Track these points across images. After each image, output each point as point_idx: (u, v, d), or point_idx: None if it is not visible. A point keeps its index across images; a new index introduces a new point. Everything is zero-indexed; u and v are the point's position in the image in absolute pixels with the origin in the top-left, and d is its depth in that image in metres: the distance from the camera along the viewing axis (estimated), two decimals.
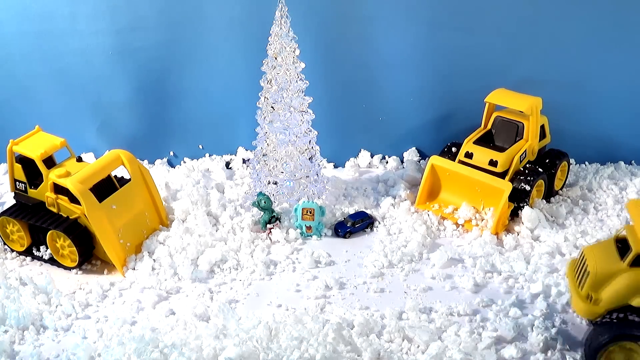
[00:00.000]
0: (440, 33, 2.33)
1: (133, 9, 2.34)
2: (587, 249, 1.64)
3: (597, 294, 1.56)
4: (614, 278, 1.54)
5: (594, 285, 1.56)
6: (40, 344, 1.70)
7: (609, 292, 1.55)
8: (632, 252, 1.54)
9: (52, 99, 2.53)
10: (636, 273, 1.53)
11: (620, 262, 1.56)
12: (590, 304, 1.57)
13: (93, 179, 1.96)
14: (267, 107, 2.14)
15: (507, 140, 2.26)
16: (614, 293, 1.54)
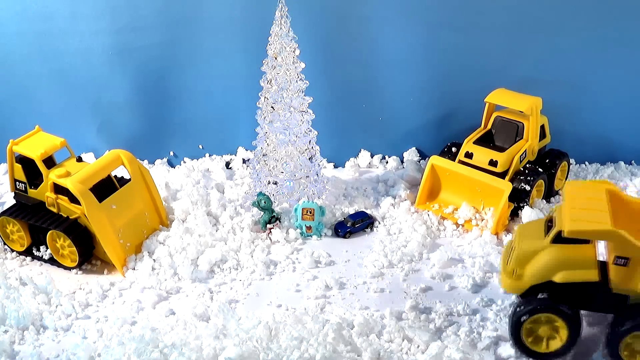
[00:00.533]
0: (440, 33, 2.33)
1: (133, 9, 2.34)
2: (519, 227, 1.70)
3: (521, 269, 1.60)
4: (537, 254, 1.58)
5: (519, 261, 1.60)
6: (40, 344, 1.70)
7: (532, 268, 1.58)
8: (554, 229, 1.57)
9: (52, 99, 2.53)
10: (557, 250, 1.56)
11: (544, 239, 1.59)
12: (514, 279, 1.61)
13: (93, 179, 1.96)
14: (267, 107, 2.14)
15: (507, 140, 2.26)
16: (536, 269, 1.58)
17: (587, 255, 1.55)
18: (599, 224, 1.49)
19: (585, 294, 1.57)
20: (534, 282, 1.59)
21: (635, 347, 1.54)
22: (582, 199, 1.58)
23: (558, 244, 1.57)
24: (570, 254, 1.55)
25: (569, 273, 1.54)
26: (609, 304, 1.58)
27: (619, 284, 1.54)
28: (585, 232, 1.50)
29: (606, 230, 1.48)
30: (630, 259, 1.50)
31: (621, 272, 1.52)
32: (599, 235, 1.51)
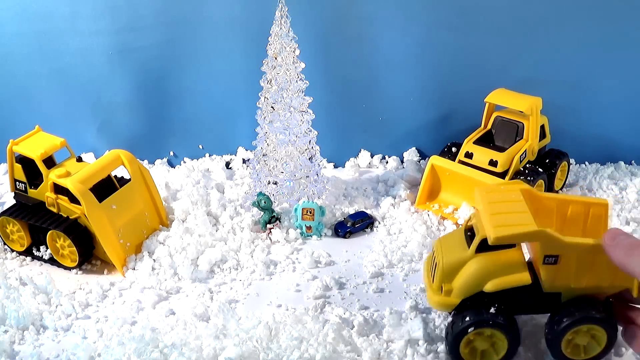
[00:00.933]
0: (440, 33, 2.33)
1: (133, 9, 2.34)
2: (436, 242, 1.64)
3: (448, 285, 1.55)
4: (463, 267, 1.53)
5: (444, 277, 1.55)
6: (40, 344, 1.70)
7: (459, 281, 1.53)
8: (476, 237, 1.52)
9: (52, 99, 2.53)
10: (483, 258, 1.51)
11: (467, 250, 1.54)
12: (443, 295, 1.56)
13: (93, 179, 1.96)
14: (267, 107, 2.14)
15: (507, 140, 2.26)
16: (464, 282, 1.52)
17: (516, 259, 1.51)
18: (524, 227, 1.44)
19: (518, 298, 1.54)
20: (464, 296, 1.53)
21: (577, 342, 1.53)
22: (500, 203, 1.53)
23: (483, 253, 1.52)
24: (498, 261, 1.50)
25: (500, 280, 1.49)
26: (544, 305, 1.56)
27: (551, 283, 1.51)
28: (512, 237, 1.44)
29: (533, 232, 1.43)
30: (559, 257, 1.47)
31: (552, 271, 1.49)
32: (527, 238, 1.46)
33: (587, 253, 1.46)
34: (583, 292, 1.53)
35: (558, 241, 1.44)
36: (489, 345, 1.55)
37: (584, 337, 1.53)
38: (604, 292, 1.54)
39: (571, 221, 1.63)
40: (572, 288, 1.52)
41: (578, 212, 1.62)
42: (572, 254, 1.47)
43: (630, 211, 2.20)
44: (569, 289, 1.53)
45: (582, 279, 1.51)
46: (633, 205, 2.23)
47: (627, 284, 1.50)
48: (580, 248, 1.45)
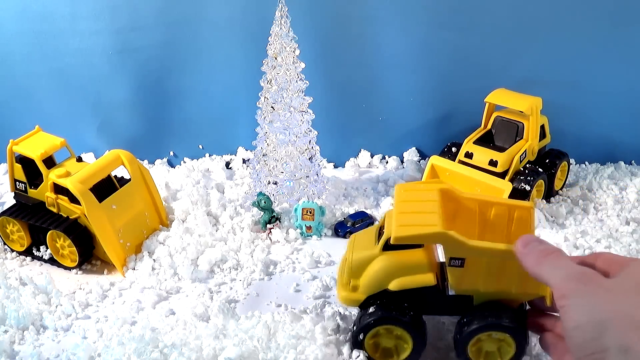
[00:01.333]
0: (440, 33, 2.33)
1: (133, 9, 2.34)
2: (351, 237, 1.64)
3: (355, 280, 1.54)
4: (369, 264, 1.52)
5: (353, 272, 1.54)
6: (40, 344, 1.70)
7: (366, 277, 1.53)
8: (383, 236, 1.51)
9: (52, 99, 2.53)
10: (389, 257, 1.50)
11: (375, 247, 1.53)
12: (350, 291, 1.55)
13: (93, 179, 1.96)
14: (267, 107, 2.14)
15: (507, 140, 2.26)
16: (369, 279, 1.52)
17: (420, 260, 1.49)
18: (425, 227, 1.41)
19: (427, 299, 1.52)
20: (369, 293, 1.52)
21: (484, 347, 1.51)
22: (413, 202, 1.51)
23: (389, 251, 1.50)
24: (403, 260, 1.49)
25: (404, 280, 1.48)
26: (454, 307, 1.54)
27: (458, 286, 1.49)
28: (413, 237, 1.42)
29: (434, 233, 1.40)
30: (465, 260, 1.44)
31: (458, 274, 1.47)
32: (428, 239, 1.44)
33: (495, 258, 1.43)
34: (494, 296, 1.50)
35: (461, 244, 1.41)
36: (394, 344, 1.54)
37: (492, 343, 1.50)
38: (518, 298, 1.51)
39: (494, 224, 1.59)
40: (482, 292, 1.49)
41: (501, 214, 1.59)
42: (481, 258, 1.44)
43: (630, 211, 2.20)
44: (478, 293, 1.50)
45: (491, 283, 1.47)
46: (633, 205, 2.23)
47: (541, 292, 1.46)
48: (484, 252, 1.42)
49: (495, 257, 1.42)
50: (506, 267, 1.44)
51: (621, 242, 2.04)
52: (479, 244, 1.42)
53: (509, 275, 1.46)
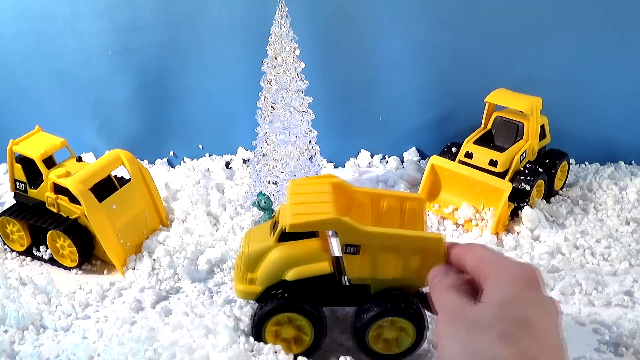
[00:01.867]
0: (440, 33, 2.33)
1: (133, 9, 2.34)
2: (246, 232, 1.65)
3: (252, 273, 1.55)
4: (265, 256, 1.53)
5: (249, 265, 1.55)
6: (40, 344, 1.70)
7: (262, 269, 1.54)
8: (278, 227, 1.52)
9: (52, 99, 2.53)
10: (284, 248, 1.52)
11: (270, 239, 1.55)
12: (247, 284, 1.56)
13: (93, 179, 1.96)
14: (267, 107, 2.14)
15: (507, 140, 2.26)
16: (266, 270, 1.53)
17: (315, 249, 1.50)
18: (320, 215, 1.44)
19: (324, 289, 1.53)
20: (266, 285, 1.54)
21: (383, 335, 1.53)
22: (306, 194, 1.54)
23: (285, 242, 1.52)
24: (298, 250, 1.50)
25: (299, 269, 1.49)
26: (351, 297, 1.55)
27: (355, 274, 1.50)
28: (308, 224, 1.44)
29: (328, 219, 1.43)
30: (360, 247, 1.46)
31: (355, 261, 1.48)
32: (322, 225, 1.45)
33: (389, 243, 1.46)
34: (390, 284, 1.52)
35: (355, 230, 1.43)
36: (294, 335, 1.55)
37: (391, 331, 1.52)
38: (414, 285, 1.53)
39: (387, 216, 1.63)
40: (378, 280, 1.51)
41: (393, 206, 1.63)
42: (376, 245, 1.46)
43: (630, 211, 2.20)
44: (375, 281, 1.51)
45: (387, 270, 1.49)
46: (633, 205, 2.23)
47: None
48: (378, 237, 1.45)
49: (389, 242, 1.45)
50: (401, 253, 1.47)
51: (621, 242, 2.04)
52: (372, 229, 1.45)
53: (404, 262, 1.48)
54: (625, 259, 1.96)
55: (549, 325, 1.11)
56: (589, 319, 1.73)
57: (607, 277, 1.91)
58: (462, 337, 1.11)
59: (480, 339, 1.08)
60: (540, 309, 1.12)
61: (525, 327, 1.08)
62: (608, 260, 1.97)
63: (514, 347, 1.05)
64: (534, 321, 1.09)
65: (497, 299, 1.12)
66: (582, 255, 1.99)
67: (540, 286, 1.17)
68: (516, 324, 1.08)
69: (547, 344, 1.08)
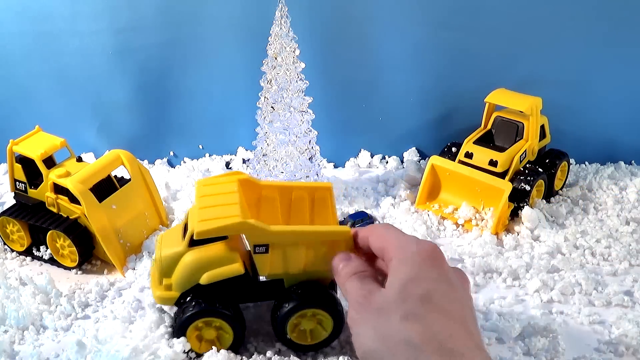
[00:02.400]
0: (440, 33, 2.33)
1: (133, 9, 2.34)
2: (158, 237, 1.65)
3: (168, 279, 1.55)
4: (178, 261, 1.53)
5: (164, 271, 1.55)
6: (40, 344, 1.70)
7: (177, 275, 1.54)
8: (188, 232, 1.52)
9: (52, 99, 2.53)
10: (196, 252, 1.52)
11: (182, 244, 1.54)
12: (163, 290, 1.56)
13: (93, 179, 1.96)
14: (267, 107, 2.14)
15: (507, 140, 2.26)
16: (180, 275, 1.53)
17: (226, 251, 1.51)
18: (226, 219, 1.45)
19: (239, 288, 1.55)
20: (182, 290, 1.54)
21: (302, 326, 1.54)
22: (212, 196, 1.54)
23: (196, 247, 1.52)
24: (209, 254, 1.51)
25: (213, 273, 1.50)
26: (267, 292, 1.57)
27: (267, 271, 1.52)
28: (214, 230, 1.45)
29: (234, 224, 1.44)
30: (269, 245, 1.48)
31: (265, 259, 1.50)
32: (229, 230, 1.46)
33: (299, 239, 1.48)
34: (304, 277, 1.54)
35: (262, 230, 1.45)
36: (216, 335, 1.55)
37: (309, 321, 1.54)
38: (327, 276, 1.55)
39: (296, 208, 1.66)
40: (292, 274, 1.53)
41: (302, 197, 1.65)
42: (285, 242, 1.48)
43: (630, 211, 2.20)
44: (288, 276, 1.54)
45: (298, 265, 1.51)
46: (633, 205, 2.23)
47: None
48: (286, 236, 1.47)
49: (297, 239, 1.47)
50: (310, 247, 1.49)
51: (621, 242, 2.04)
52: (279, 229, 1.47)
53: (314, 255, 1.50)
54: (625, 259, 1.96)
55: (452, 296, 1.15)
56: (588, 319, 1.73)
57: (607, 277, 1.91)
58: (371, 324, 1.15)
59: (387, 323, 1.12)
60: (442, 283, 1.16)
61: (427, 303, 1.12)
62: (608, 260, 1.97)
63: (418, 324, 1.09)
64: (435, 296, 1.13)
65: (399, 281, 1.16)
66: (582, 255, 1.99)
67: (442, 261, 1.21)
68: (417, 302, 1.12)
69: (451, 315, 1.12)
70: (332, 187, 1.68)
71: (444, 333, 1.07)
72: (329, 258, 1.47)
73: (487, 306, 1.80)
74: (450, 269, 1.22)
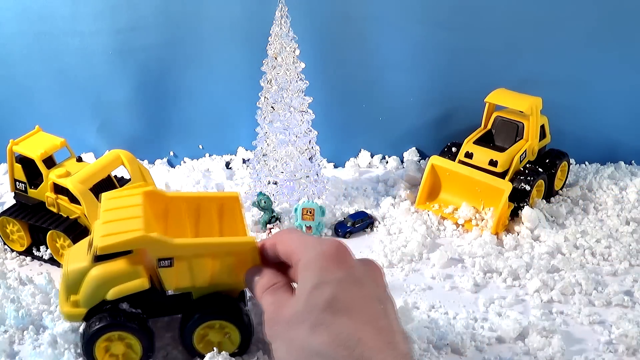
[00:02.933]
0: (440, 33, 2.33)
1: (133, 9, 2.34)
2: (67, 250, 1.62)
3: (75, 295, 1.52)
4: (84, 276, 1.50)
5: (70, 287, 1.52)
6: (40, 343, 1.70)
7: (82, 291, 1.51)
8: (93, 247, 1.49)
9: (52, 99, 2.53)
10: (101, 268, 1.49)
11: (87, 259, 1.52)
12: (71, 306, 1.52)
13: (93, 179, 1.96)
14: (267, 107, 2.14)
15: (507, 140, 2.26)
16: (86, 292, 1.50)
17: (131, 266, 1.48)
18: (128, 234, 1.43)
19: (148, 302, 1.53)
20: (89, 306, 1.51)
21: (210, 338, 1.53)
22: (117, 210, 1.52)
23: (103, 262, 1.49)
24: (114, 269, 1.48)
25: (119, 288, 1.47)
26: (176, 305, 1.56)
27: (174, 285, 1.50)
28: (117, 245, 1.43)
29: (136, 238, 1.42)
30: (174, 259, 1.46)
31: (170, 273, 1.48)
32: (131, 244, 1.44)
33: (203, 252, 1.47)
34: (212, 289, 1.53)
35: (165, 244, 1.43)
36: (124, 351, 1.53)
37: (217, 334, 1.53)
38: (236, 287, 1.54)
39: (205, 219, 1.64)
40: (199, 287, 1.52)
41: (209, 208, 1.63)
42: (189, 254, 1.47)
43: (630, 211, 2.20)
44: (196, 289, 1.52)
45: (205, 277, 1.50)
46: (633, 205, 2.23)
47: None
48: (190, 249, 1.46)
49: (201, 251, 1.46)
50: (216, 259, 1.48)
51: (621, 242, 2.04)
52: (182, 242, 1.46)
53: (221, 267, 1.49)
54: (625, 259, 1.96)
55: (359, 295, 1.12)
56: (588, 319, 1.73)
57: (607, 277, 1.91)
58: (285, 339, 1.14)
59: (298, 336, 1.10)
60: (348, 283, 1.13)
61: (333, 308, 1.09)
62: (608, 260, 1.97)
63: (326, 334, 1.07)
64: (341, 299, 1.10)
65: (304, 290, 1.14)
66: (582, 255, 1.99)
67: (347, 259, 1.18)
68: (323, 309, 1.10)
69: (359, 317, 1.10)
70: (239, 197, 1.65)
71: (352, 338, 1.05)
72: (236, 269, 1.46)
73: (487, 306, 1.80)
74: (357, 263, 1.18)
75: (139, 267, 1.49)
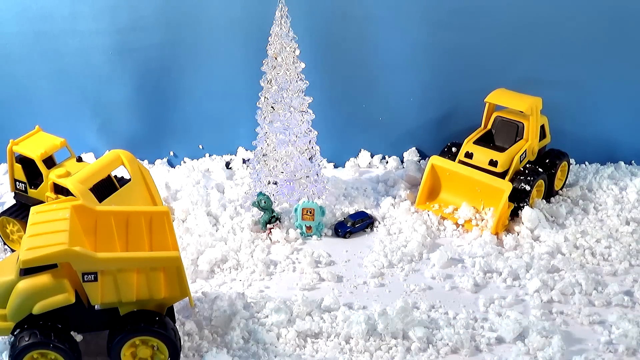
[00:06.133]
0: (440, 33, 2.33)
1: (133, 9, 2.34)
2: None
3: (2, 309, 1.51)
4: (11, 290, 1.49)
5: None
6: None
7: (9, 305, 1.49)
8: (19, 261, 1.48)
9: (52, 99, 2.53)
10: (27, 282, 1.48)
11: (14, 273, 1.51)
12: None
13: (93, 179, 1.96)
14: (267, 107, 2.14)
15: (507, 140, 2.26)
16: (12, 306, 1.49)
17: (56, 280, 1.47)
18: (52, 247, 1.42)
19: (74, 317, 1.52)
20: (16, 320, 1.50)
21: (139, 354, 1.53)
22: (43, 223, 1.52)
23: (28, 276, 1.47)
24: (40, 283, 1.47)
25: (44, 303, 1.47)
26: (102, 321, 1.55)
27: (99, 299, 1.50)
28: (40, 259, 1.43)
29: (59, 252, 1.42)
30: (98, 273, 1.46)
31: (95, 288, 1.48)
32: (54, 258, 1.44)
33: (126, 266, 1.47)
34: (139, 305, 1.53)
35: (88, 258, 1.43)
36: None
37: (146, 349, 1.53)
38: (163, 303, 1.55)
39: (134, 233, 1.64)
40: (125, 303, 1.51)
41: (138, 223, 1.64)
42: (113, 269, 1.47)
43: (630, 211, 2.20)
44: (122, 304, 1.52)
45: (131, 292, 1.50)
46: (633, 205, 2.23)
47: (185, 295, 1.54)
48: (113, 262, 1.46)
49: (124, 266, 1.47)
50: (141, 273, 1.49)
51: (621, 242, 2.04)
52: (105, 256, 1.46)
53: (146, 282, 1.50)
54: (625, 259, 1.96)
55: None
56: (588, 319, 1.73)
57: (607, 277, 1.91)
58: None
59: None
60: None
61: None
62: (608, 260, 1.97)
63: None
64: None
65: None
66: (582, 255, 1.99)
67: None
68: None
69: None
70: (169, 212, 1.66)
71: None
72: (162, 285, 1.47)
73: (487, 306, 1.80)
74: None
75: (64, 281, 1.48)
